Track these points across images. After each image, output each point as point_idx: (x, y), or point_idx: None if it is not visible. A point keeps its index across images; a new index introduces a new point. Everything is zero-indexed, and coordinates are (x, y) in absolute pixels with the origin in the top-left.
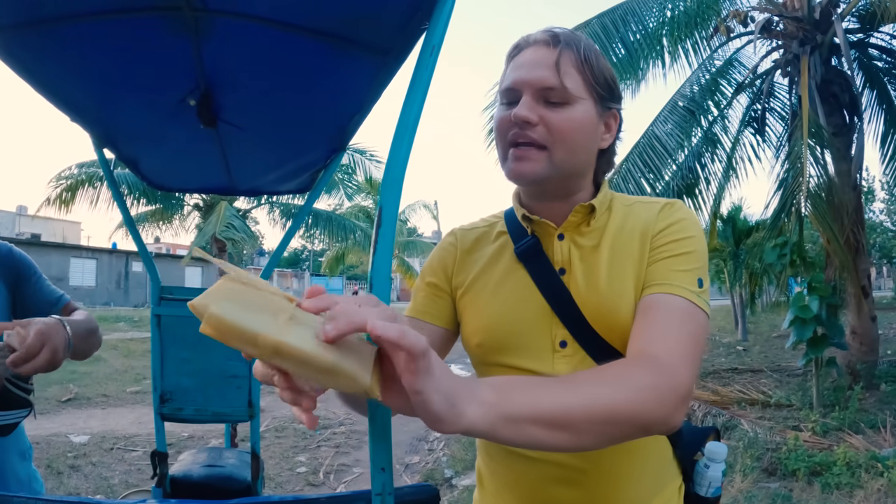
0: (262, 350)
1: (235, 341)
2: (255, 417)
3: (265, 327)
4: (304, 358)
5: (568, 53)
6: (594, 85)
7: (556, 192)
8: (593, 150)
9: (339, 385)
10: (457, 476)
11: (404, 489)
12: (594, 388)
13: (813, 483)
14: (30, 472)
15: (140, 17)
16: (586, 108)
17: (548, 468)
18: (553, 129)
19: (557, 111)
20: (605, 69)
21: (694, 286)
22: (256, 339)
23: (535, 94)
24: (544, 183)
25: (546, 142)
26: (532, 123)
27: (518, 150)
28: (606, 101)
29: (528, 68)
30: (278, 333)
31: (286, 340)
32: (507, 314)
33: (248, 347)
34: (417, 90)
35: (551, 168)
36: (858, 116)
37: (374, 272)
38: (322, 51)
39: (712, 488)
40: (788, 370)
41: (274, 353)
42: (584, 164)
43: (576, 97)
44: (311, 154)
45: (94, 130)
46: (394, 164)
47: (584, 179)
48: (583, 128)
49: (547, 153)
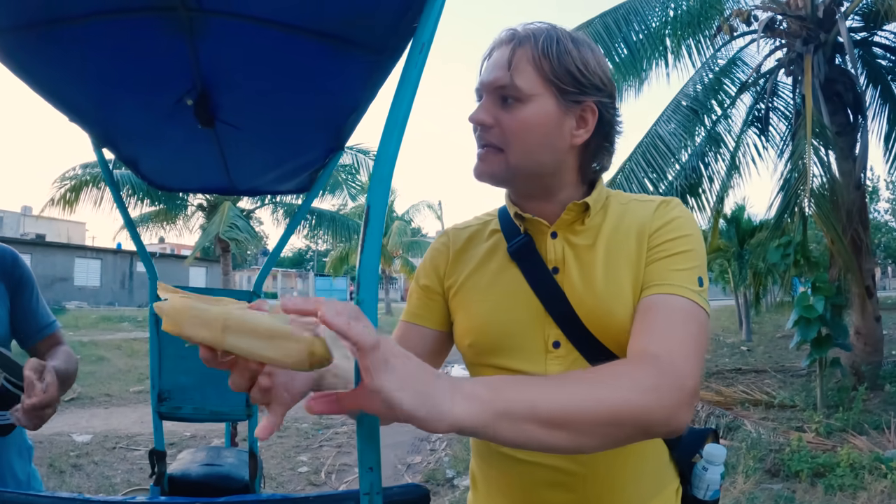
0: (212, 328)
1: (189, 326)
2: (253, 416)
3: (215, 309)
4: (251, 324)
5: (523, 49)
6: (553, 79)
7: (531, 191)
8: (560, 148)
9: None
10: (458, 476)
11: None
12: (594, 387)
13: (816, 484)
14: (29, 471)
15: (136, 17)
16: (542, 104)
17: (541, 471)
18: (505, 130)
19: (511, 111)
20: (571, 61)
21: (694, 285)
22: (207, 315)
23: (493, 94)
24: (509, 183)
25: (501, 143)
26: (488, 125)
27: (480, 152)
28: (573, 94)
29: (488, 70)
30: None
31: (233, 312)
32: (499, 314)
33: (201, 329)
34: (406, 88)
35: (507, 169)
36: (862, 115)
37: (362, 270)
38: (317, 50)
39: (710, 491)
40: (792, 371)
41: (223, 328)
42: (550, 164)
43: (528, 94)
44: (310, 154)
45: (93, 130)
46: (382, 163)
47: (561, 178)
48: (537, 126)
49: (503, 155)
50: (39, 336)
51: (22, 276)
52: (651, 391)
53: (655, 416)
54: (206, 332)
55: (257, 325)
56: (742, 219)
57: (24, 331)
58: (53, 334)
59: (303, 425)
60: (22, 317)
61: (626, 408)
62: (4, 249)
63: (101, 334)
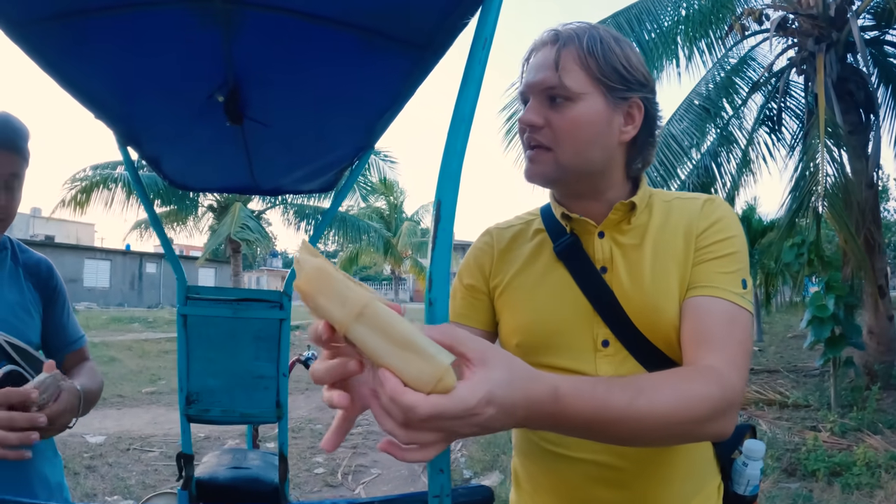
0: (347, 309)
1: (324, 297)
2: (283, 418)
3: (360, 290)
4: (387, 323)
5: (569, 49)
6: (601, 77)
7: (580, 191)
8: (610, 145)
9: (410, 368)
10: (476, 477)
11: (459, 490)
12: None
13: (833, 483)
14: (60, 480)
15: (169, 9)
16: (592, 103)
17: (588, 468)
18: (556, 129)
19: (560, 111)
20: (616, 59)
21: (738, 288)
22: (348, 293)
23: (540, 95)
24: (559, 184)
25: (551, 143)
26: (538, 126)
27: (530, 153)
28: (620, 91)
29: (534, 71)
30: (369, 297)
31: (375, 301)
32: (546, 313)
33: (336, 305)
34: (471, 83)
35: (559, 169)
36: (875, 114)
37: (434, 268)
38: (355, 45)
39: (751, 486)
40: (805, 370)
41: (359, 314)
42: (600, 161)
43: (578, 94)
44: (338, 152)
45: (119, 128)
46: (450, 158)
47: (610, 176)
48: (588, 125)
49: (553, 154)
50: (67, 350)
51: (56, 288)
52: (706, 401)
53: (707, 423)
54: (339, 310)
55: (394, 328)
56: (752, 219)
57: (53, 343)
58: (81, 349)
59: (317, 426)
60: (52, 329)
61: (677, 415)
62: (41, 259)
63: (112, 335)
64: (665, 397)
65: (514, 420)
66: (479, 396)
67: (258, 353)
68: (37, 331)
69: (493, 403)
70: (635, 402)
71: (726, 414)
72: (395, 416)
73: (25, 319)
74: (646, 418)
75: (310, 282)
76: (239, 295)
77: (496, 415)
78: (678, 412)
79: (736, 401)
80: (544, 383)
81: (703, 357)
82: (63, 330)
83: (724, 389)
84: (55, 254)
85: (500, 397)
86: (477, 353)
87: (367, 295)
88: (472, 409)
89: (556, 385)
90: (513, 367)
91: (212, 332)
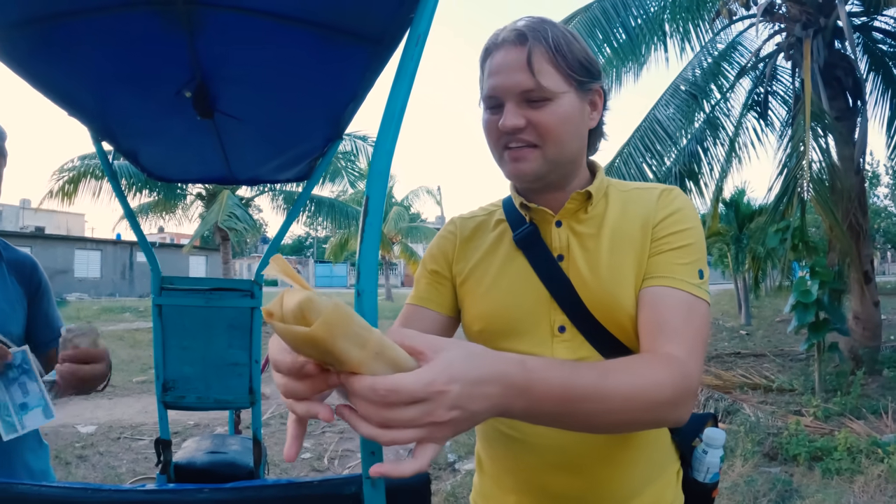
0: (366, 350)
1: (344, 338)
2: (256, 404)
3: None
4: (393, 358)
5: (538, 49)
6: (571, 73)
7: (554, 183)
8: (584, 135)
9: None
10: (460, 460)
11: None
12: (615, 373)
13: (814, 468)
14: (45, 468)
15: (134, 12)
16: (569, 99)
17: (543, 453)
18: (541, 128)
19: (541, 110)
20: (578, 52)
21: (695, 278)
22: (368, 335)
23: (516, 98)
24: (544, 178)
25: (537, 141)
26: (521, 128)
27: (514, 152)
28: (587, 83)
29: (504, 74)
30: (381, 336)
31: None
32: (507, 301)
33: (354, 348)
34: (403, 81)
35: (547, 163)
36: (862, 101)
37: (362, 260)
38: (313, 41)
39: (710, 474)
40: (791, 355)
41: (376, 354)
42: (577, 151)
43: (556, 92)
44: (308, 143)
45: (93, 124)
46: (380, 155)
47: (579, 165)
48: (569, 119)
49: (540, 151)
50: (54, 343)
51: (41, 283)
52: (668, 387)
53: (668, 409)
54: (359, 353)
55: (401, 360)
56: (741, 203)
57: (39, 337)
58: None
59: None
60: (37, 323)
61: (641, 397)
62: (26, 257)
63: (103, 325)
64: (631, 379)
65: (491, 400)
66: (438, 371)
67: (231, 342)
68: (19, 324)
69: (456, 379)
70: (603, 380)
71: (685, 401)
72: (369, 414)
73: (8, 312)
74: (613, 398)
75: (330, 327)
76: (212, 284)
77: (466, 391)
78: (643, 395)
79: (694, 388)
80: (511, 358)
81: (661, 346)
82: (48, 324)
83: (684, 377)
84: (45, 245)
85: (461, 372)
86: (428, 343)
87: (380, 334)
88: (434, 386)
89: (523, 359)
90: (469, 346)
91: (186, 321)
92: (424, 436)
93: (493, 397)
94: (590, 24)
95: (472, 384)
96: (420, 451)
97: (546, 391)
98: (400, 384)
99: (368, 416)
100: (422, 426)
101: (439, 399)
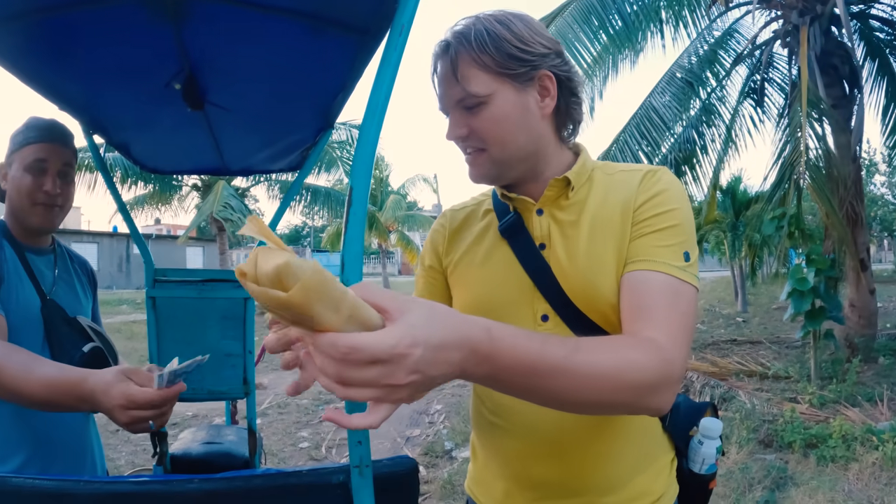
0: (340, 314)
1: (322, 303)
2: (251, 394)
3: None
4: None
5: (462, 55)
6: (501, 70)
7: (521, 176)
8: (534, 126)
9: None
10: (457, 448)
11: (382, 461)
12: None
13: (808, 455)
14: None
15: (120, 5)
16: (503, 97)
17: (524, 441)
18: (480, 133)
19: (478, 115)
20: (509, 44)
21: (679, 261)
22: (342, 297)
23: (454, 108)
24: (502, 178)
25: (482, 145)
26: (464, 136)
27: (468, 158)
28: (524, 73)
29: (440, 87)
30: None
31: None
32: (492, 289)
33: (330, 312)
34: (386, 71)
35: (495, 165)
36: (859, 88)
37: (346, 250)
38: (300, 31)
39: (706, 465)
40: (787, 342)
41: (349, 317)
42: (530, 144)
43: (486, 94)
44: (299, 133)
45: (83, 117)
46: (363, 146)
47: (545, 153)
48: (506, 118)
49: (487, 154)
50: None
51: (96, 285)
52: (645, 371)
53: (644, 395)
54: (333, 317)
55: (369, 321)
56: (738, 190)
57: None
58: None
59: (303, 401)
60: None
61: (613, 377)
62: (85, 260)
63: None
64: (602, 357)
65: (452, 365)
66: (400, 333)
67: (225, 332)
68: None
69: (419, 343)
70: (572, 356)
71: (665, 388)
72: (326, 368)
73: (86, 307)
74: (582, 375)
75: (308, 292)
76: (204, 276)
77: (427, 356)
78: (615, 375)
79: (676, 376)
80: (476, 322)
81: (640, 330)
82: (96, 321)
83: (664, 363)
84: None
85: (423, 335)
86: (393, 302)
87: (352, 295)
88: (396, 349)
89: (489, 325)
90: (433, 307)
91: (180, 313)
92: (381, 396)
93: (454, 363)
94: (585, 10)
95: (434, 349)
96: (375, 409)
97: (511, 361)
98: (362, 343)
99: (325, 370)
100: (379, 387)
101: (400, 362)
